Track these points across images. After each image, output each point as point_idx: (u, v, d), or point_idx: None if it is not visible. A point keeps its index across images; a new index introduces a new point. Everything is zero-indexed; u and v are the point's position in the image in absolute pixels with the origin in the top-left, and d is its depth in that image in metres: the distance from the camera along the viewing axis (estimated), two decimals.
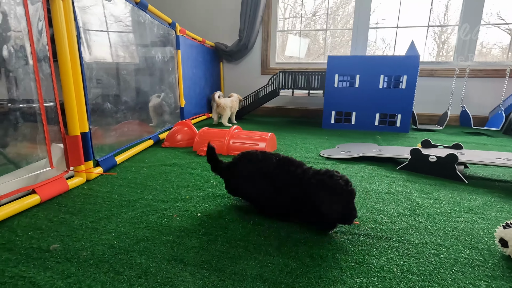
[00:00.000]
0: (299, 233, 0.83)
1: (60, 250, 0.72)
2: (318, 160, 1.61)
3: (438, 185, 1.24)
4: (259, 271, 0.66)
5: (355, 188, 0.79)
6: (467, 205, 1.04)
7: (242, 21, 3.57)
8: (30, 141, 1.05)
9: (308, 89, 2.94)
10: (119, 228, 0.83)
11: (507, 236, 0.71)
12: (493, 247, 0.77)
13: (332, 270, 0.67)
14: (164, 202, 1.02)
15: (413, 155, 1.45)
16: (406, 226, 0.88)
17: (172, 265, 0.67)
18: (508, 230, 0.71)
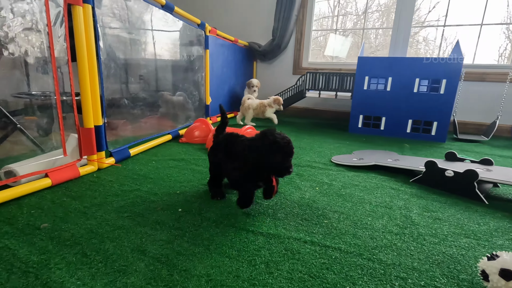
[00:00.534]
0: (266, 239, 0.82)
1: (49, 229, 0.82)
2: (326, 166, 1.56)
3: (449, 203, 1.13)
4: (208, 271, 0.67)
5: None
6: (473, 229, 0.93)
7: (276, 20, 3.56)
8: (54, 130, 1.19)
9: (335, 90, 2.84)
10: (105, 215, 0.92)
11: (489, 269, 0.63)
12: (477, 279, 0.68)
13: (281, 280, 0.66)
14: (155, 195, 1.09)
15: (428, 168, 1.33)
16: (386, 244, 0.82)
17: (133, 255, 0.72)
18: (491, 263, 0.63)
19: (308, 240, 0.82)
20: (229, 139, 1.03)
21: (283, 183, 1.27)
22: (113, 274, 0.65)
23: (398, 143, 2.23)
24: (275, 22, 3.56)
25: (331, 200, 1.11)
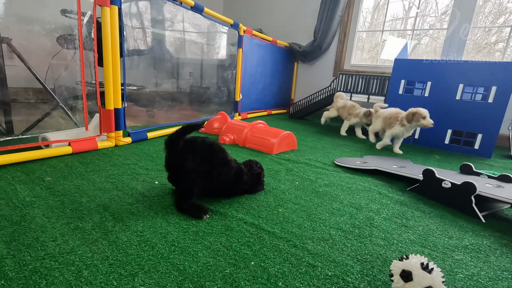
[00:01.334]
0: (211, 215, 0.90)
1: (50, 182, 1.04)
2: (324, 165, 1.54)
3: (433, 215, 1.04)
4: (144, 230, 0.79)
5: None
6: (437, 241, 0.86)
7: (319, 21, 3.53)
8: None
9: (368, 94, 2.70)
10: (95, 178, 1.11)
11: (394, 269, 0.61)
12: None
13: (199, 246, 0.73)
14: (147, 169, 1.25)
15: (426, 177, 1.23)
16: (323, 238, 0.82)
17: (97, 209, 0.88)
18: (397, 263, 0.60)
19: (249, 222, 0.87)
20: None
21: (267, 175, 1.31)
22: (73, 219, 0.81)
23: (430, 154, 2.04)
24: (317, 23, 3.54)
25: (302, 194, 1.12)
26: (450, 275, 0.70)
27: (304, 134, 2.43)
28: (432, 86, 2.27)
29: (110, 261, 0.65)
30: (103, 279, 0.59)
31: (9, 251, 0.65)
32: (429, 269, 0.57)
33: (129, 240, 0.73)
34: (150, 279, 0.60)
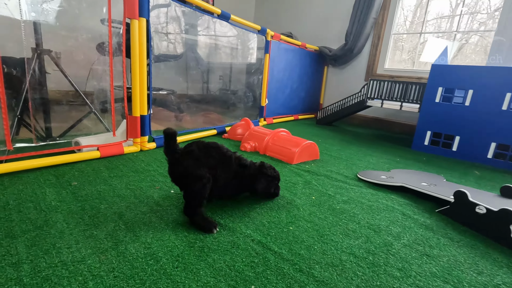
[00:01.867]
0: (220, 229, 0.90)
1: (75, 187, 1.11)
2: (346, 179, 1.48)
3: (462, 244, 0.94)
4: (152, 242, 0.81)
5: None
6: (463, 277, 0.77)
7: (351, 24, 3.41)
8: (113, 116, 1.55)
9: (401, 101, 2.54)
10: (115, 184, 1.16)
11: None
12: None
13: (202, 264, 0.73)
14: (165, 177, 1.29)
15: (457, 200, 1.12)
16: (333, 263, 0.78)
17: (113, 217, 0.92)
18: None
19: (257, 240, 0.86)
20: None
21: (283, 188, 1.29)
22: (89, 226, 0.86)
23: (470, 169, 1.87)
24: (349, 26, 3.41)
25: (317, 211, 1.08)
26: None
27: (330, 142, 2.35)
28: (474, 95, 2.08)
29: (115, 273, 0.67)
30: None
31: (28, 255, 0.70)
32: None
33: (136, 252, 0.75)
34: None
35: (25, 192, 1.03)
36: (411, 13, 3.32)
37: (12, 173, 1.17)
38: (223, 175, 0.98)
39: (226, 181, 0.99)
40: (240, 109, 2.72)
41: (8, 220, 0.85)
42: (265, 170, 1.09)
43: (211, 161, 0.95)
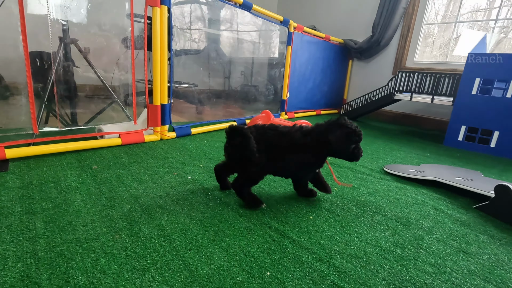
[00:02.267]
0: (237, 215, 0.86)
1: (96, 171, 1.12)
2: (371, 172, 1.39)
3: (504, 242, 0.84)
4: (166, 224, 0.79)
5: None
6: (506, 276, 0.68)
7: (378, 15, 3.26)
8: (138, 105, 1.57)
9: (432, 94, 2.38)
10: (134, 169, 1.16)
11: None
12: None
13: (216, 248, 0.70)
14: (183, 164, 1.28)
15: (499, 194, 1.01)
16: (356, 255, 0.72)
17: (129, 199, 0.91)
18: None
19: (274, 227, 0.81)
20: (270, 132, 0.93)
21: None
22: (106, 207, 0.85)
23: (511, 166, 1.70)
24: (376, 17, 3.26)
25: (339, 202, 1.02)
26: None
27: None
28: None
29: (127, 252, 0.65)
30: (116, 270, 0.59)
31: (45, 231, 0.71)
32: None
33: (150, 233, 0.74)
34: (159, 276, 0.59)
35: (48, 174, 1.05)
36: (443, 7, 3.10)
37: (38, 156, 1.21)
38: (283, 154, 0.90)
39: (287, 160, 0.91)
40: (261, 102, 2.68)
41: (30, 198, 0.86)
42: (342, 121, 0.89)
43: (267, 143, 0.90)
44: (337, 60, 3.43)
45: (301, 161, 0.92)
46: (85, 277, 0.57)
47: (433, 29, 3.19)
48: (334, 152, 0.92)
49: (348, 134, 0.89)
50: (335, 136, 0.88)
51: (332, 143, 0.89)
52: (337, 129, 0.89)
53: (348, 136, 0.89)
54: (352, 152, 0.91)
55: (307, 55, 2.94)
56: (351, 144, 0.90)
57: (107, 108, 1.65)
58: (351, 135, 0.89)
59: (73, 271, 0.58)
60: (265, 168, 0.93)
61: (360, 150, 0.92)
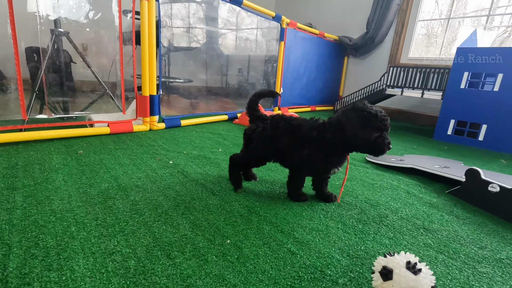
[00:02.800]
0: (220, 199, 0.90)
1: (82, 155, 1.16)
2: (353, 161, 1.42)
3: (468, 222, 0.87)
4: (139, 199, 0.83)
5: None
6: (461, 250, 0.71)
7: (373, 12, 3.28)
8: None
9: (423, 89, 2.40)
10: (118, 155, 1.20)
11: (376, 266, 0.52)
12: None
13: (184, 217, 0.74)
14: (168, 151, 1.32)
15: (469, 178, 1.04)
16: (315, 228, 0.75)
17: (108, 179, 0.95)
18: (381, 259, 0.52)
19: (244, 204, 0.85)
20: (284, 122, 0.88)
21: None
22: (85, 185, 0.89)
23: (496, 158, 1.72)
24: (371, 13, 3.28)
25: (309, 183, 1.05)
26: (459, 285, 0.57)
27: None
28: (505, 79, 1.91)
29: (98, 222, 0.69)
30: (85, 236, 0.63)
31: (23, 204, 0.75)
32: (416, 269, 0.47)
33: (123, 207, 0.78)
34: (124, 241, 0.63)
35: (34, 157, 1.10)
36: (447, 7, 3.08)
37: (28, 141, 1.26)
38: (293, 145, 0.85)
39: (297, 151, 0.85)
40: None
41: (13, 176, 0.91)
42: (360, 105, 0.75)
43: (277, 134, 0.87)
44: (332, 56, 3.46)
45: (308, 154, 0.82)
46: (54, 240, 0.61)
47: (437, 28, 3.19)
48: (351, 144, 0.77)
49: (367, 119, 0.73)
50: (350, 122, 0.74)
51: (348, 131, 0.74)
52: (353, 114, 0.74)
53: (368, 121, 0.73)
54: (375, 141, 0.74)
55: (301, 51, 2.97)
56: (372, 131, 0.73)
57: (98, 99, 1.70)
58: (371, 119, 0.73)
59: (44, 236, 0.62)
60: (269, 157, 0.93)
61: (386, 140, 0.74)
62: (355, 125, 0.73)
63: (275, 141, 0.88)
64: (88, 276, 0.52)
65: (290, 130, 0.86)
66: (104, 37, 1.84)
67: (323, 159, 0.82)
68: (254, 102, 0.94)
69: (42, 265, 0.53)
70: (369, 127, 0.73)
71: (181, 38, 2.41)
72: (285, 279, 0.55)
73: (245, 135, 0.96)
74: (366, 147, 0.76)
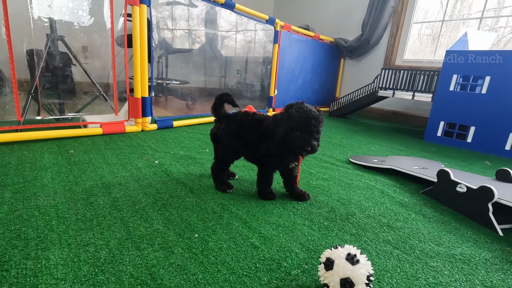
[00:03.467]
0: (196, 197, 0.95)
1: (72, 155, 1.22)
2: (335, 161, 1.47)
3: (433, 220, 0.91)
4: (120, 196, 0.88)
5: None
6: (424, 248, 0.75)
7: (368, 14, 3.31)
8: None
9: (413, 91, 2.43)
10: (107, 155, 1.26)
11: (322, 257, 0.57)
12: None
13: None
14: (156, 151, 1.38)
15: (440, 179, 1.08)
16: (282, 224, 0.80)
17: (91, 180, 1.01)
18: (327, 251, 0.56)
19: (219, 202, 0.90)
20: (248, 118, 0.94)
21: None
22: (71, 183, 0.95)
23: (482, 160, 1.75)
24: (366, 16, 3.32)
25: None
26: (408, 280, 0.62)
27: (335, 131, 2.32)
28: (492, 82, 1.94)
29: (78, 217, 0.75)
30: (63, 229, 0.69)
31: (10, 199, 0.81)
32: (354, 260, 0.52)
33: (103, 203, 0.83)
34: (99, 234, 0.68)
35: (27, 156, 1.16)
36: (451, 7, 3.06)
37: (22, 141, 1.33)
38: (253, 140, 0.91)
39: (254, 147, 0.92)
40: (247, 98, 2.76)
41: (4, 174, 0.97)
42: (289, 110, 0.81)
43: (242, 129, 0.93)
44: (328, 58, 3.50)
45: (267, 149, 0.88)
46: (35, 233, 0.67)
47: (441, 30, 3.21)
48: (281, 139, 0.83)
49: (285, 118, 0.81)
50: (274, 119, 0.84)
51: (276, 136, 0.82)
52: (276, 119, 0.83)
53: (286, 120, 0.80)
54: (289, 139, 0.80)
55: (296, 54, 3.01)
56: (290, 130, 0.80)
57: (92, 101, 1.76)
58: (290, 119, 0.79)
59: (26, 229, 0.68)
60: (238, 152, 0.98)
61: (304, 141, 0.78)
62: (273, 122, 0.83)
63: (241, 136, 0.93)
64: (61, 264, 0.57)
65: (252, 125, 0.92)
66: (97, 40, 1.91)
67: (279, 154, 0.87)
68: (217, 104, 0.99)
69: (21, 254, 0.59)
70: (287, 125, 0.79)
71: (177, 40, 2.47)
72: (242, 270, 0.60)
73: (211, 136, 1.01)
74: (288, 145, 0.82)
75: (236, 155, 0.99)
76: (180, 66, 2.65)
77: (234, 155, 0.99)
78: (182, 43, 2.51)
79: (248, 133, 0.92)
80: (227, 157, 1.00)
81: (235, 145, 0.95)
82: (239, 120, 0.94)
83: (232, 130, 0.94)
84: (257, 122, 0.92)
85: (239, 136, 0.93)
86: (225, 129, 0.95)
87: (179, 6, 2.27)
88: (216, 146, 0.99)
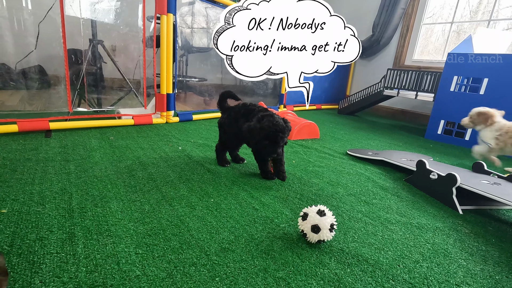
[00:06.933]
0: (212, 173, 1.20)
1: (112, 140, 1.50)
2: (333, 152, 1.67)
3: (406, 200, 1.11)
4: (153, 172, 1.14)
5: None
6: (388, 217, 0.96)
7: (378, 15, 3.44)
8: None
9: (416, 91, 2.57)
10: (140, 141, 1.53)
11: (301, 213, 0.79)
12: None
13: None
14: (178, 139, 1.63)
15: (418, 168, 1.27)
16: (278, 196, 1.02)
17: (130, 160, 1.27)
18: (305, 209, 0.78)
19: (232, 180, 1.13)
20: (244, 108, 1.20)
21: None
22: (116, 161, 1.22)
23: (472, 157, 1.89)
24: (376, 17, 3.44)
25: (289, 169, 1.32)
26: (368, 235, 0.83)
27: (340, 127, 2.50)
28: (490, 83, 2.07)
29: (125, 184, 1.01)
30: (116, 191, 0.95)
31: (75, 170, 1.08)
32: (321, 213, 0.74)
33: (142, 176, 1.09)
34: (142, 195, 0.93)
35: (78, 140, 1.44)
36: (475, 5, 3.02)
37: (72, 129, 1.61)
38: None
39: None
40: (260, 95, 2.98)
41: (66, 153, 1.25)
42: (261, 121, 1.06)
43: (238, 117, 1.19)
44: None
45: None
46: (97, 192, 0.93)
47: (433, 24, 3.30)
48: None
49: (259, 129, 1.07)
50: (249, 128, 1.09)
51: (251, 143, 1.13)
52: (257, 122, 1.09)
53: (259, 130, 1.06)
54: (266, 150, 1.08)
55: None
56: (260, 139, 1.07)
57: (125, 96, 2.04)
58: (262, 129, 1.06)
59: (91, 190, 0.94)
60: (237, 137, 1.22)
61: (270, 148, 1.07)
62: (248, 131, 1.09)
63: (237, 123, 1.17)
64: (119, 211, 0.82)
65: (245, 114, 1.17)
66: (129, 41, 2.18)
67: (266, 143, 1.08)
68: (222, 99, 1.27)
69: (92, 204, 0.85)
70: (259, 136, 1.06)
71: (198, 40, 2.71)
72: (244, 222, 0.84)
73: (218, 124, 1.27)
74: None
75: (236, 140, 1.24)
76: (199, 64, 2.90)
77: (234, 139, 1.24)
78: (201, 42, 2.75)
79: (242, 120, 1.17)
80: (228, 140, 1.25)
81: (234, 130, 1.20)
82: (237, 110, 1.21)
83: (232, 118, 1.20)
84: (249, 111, 1.17)
85: (236, 122, 1.19)
86: (227, 118, 1.22)
87: (198, 8, 2.52)
88: (220, 131, 1.27)
